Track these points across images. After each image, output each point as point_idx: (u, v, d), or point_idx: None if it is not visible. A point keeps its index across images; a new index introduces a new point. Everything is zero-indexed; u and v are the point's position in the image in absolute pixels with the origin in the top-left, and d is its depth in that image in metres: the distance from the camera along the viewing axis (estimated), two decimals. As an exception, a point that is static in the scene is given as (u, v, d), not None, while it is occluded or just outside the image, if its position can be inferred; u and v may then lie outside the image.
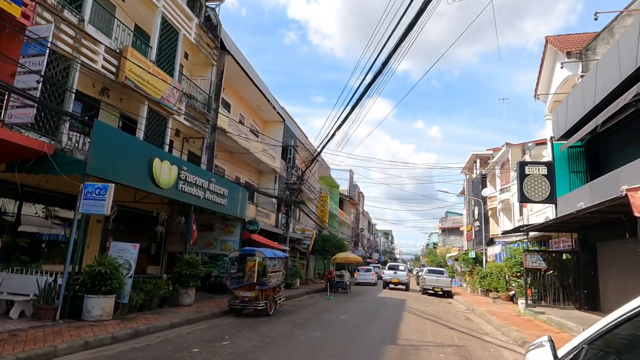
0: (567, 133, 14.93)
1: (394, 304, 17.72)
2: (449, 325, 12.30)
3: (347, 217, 53.33)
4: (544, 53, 19.60)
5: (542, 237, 20.12)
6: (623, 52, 10.85)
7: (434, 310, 16.47)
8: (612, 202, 8.79)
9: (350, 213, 56.97)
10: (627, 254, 12.11)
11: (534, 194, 15.45)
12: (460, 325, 12.37)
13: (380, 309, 15.60)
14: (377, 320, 12.51)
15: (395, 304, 18.05)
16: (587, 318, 12.29)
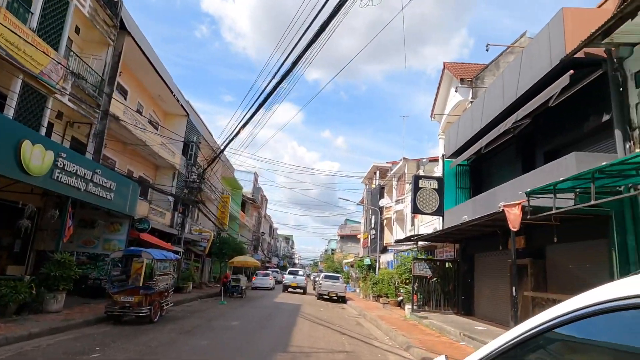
0: (456, 152, 16.29)
1: (289, 310, 17.59)
2: (341, 330, 12.48)
3: (248, 220, 52.33)
4: (441, 77, 21.28)
5: (429, 246, 21.72)
6: (506, 84, 12.12)
7: (327, 315, 16.68)
8: (490, 216, 9.66)
9: (252, 216, 56.06)
10: (498, 264, 13.49)
11: (425, 206, 16.57)
12: (351, 331, 12.62)
13: (274, 315, 15.33)
14: (271, 327, 12.22)
15: (291, 309, 17.95)
16: (463, 322, 13.40)
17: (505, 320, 12.45)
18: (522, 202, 8.12)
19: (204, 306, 16.98)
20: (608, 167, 6.21)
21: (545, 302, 10.53)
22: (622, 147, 8.33)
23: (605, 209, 8.16)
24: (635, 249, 7.91)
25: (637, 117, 8.32)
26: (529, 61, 10.76)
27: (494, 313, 13.69)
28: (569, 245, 9.88)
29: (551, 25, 9.82)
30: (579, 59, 9.07)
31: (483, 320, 13.82)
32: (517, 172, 12.58)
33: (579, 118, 10.01)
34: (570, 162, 8.58)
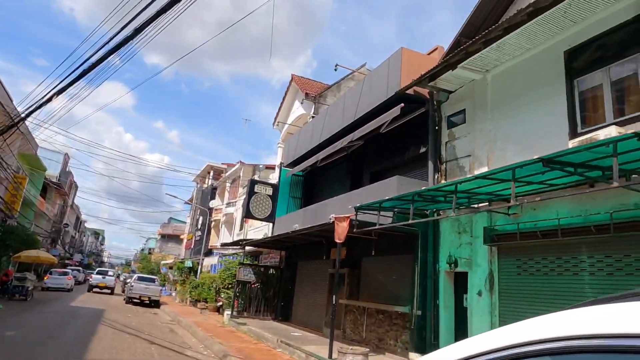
0: (294, 162, 16.77)
1: (88, 315, 15.17)
2: (150, 339, 11.24)
3: (49, 209, 44.20)
4: (288, 88, 21.84)
5: (255, 252, 21.75)
6: (347, 106, 13.02)
7: (136, 321, 14.97)
8: (321, 227, 10.06)
9: (55, 204, 47.57)
10: (319, 273, 14.24)
11: (258, 211, 16.53)
12: (163, 339, 11.50)
13: (68, 322, 12.97)
14: (61, 337, 10.22)
15: (91, 314, 15.52)
16: (281, 328, 13.64)
17: (320, 326, 13.15)
18: (350, 215, 8.66)
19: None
20: (425, 192, 7.06)
21: (356, 309, 11.47)
22: (432, 177, 9.69)
23: (415, 229, 9.32)
24: (432, 264, 9.22)
25: (445, 153, 9.81)
26: (369, 89, 11.77)
27: (309, 319, 14.34)
28: (382, 258, 11.00)
29: (391, 60, 10.94)
30: (409, 95, 10.29)
31: (299, 326, 14.33)
32: (346, 188, 13.55)
33: (402, 147, 11.34)
34: (393, 184, 9.58)
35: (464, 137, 9.38)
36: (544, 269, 6.99)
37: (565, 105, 7.27)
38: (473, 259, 8.27)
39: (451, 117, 9.91)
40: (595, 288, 6.19)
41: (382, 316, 10.17)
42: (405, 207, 8.61)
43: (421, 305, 8.97)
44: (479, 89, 9.15)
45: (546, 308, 6.76)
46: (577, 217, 6.53)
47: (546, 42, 7.74)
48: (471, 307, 8.13)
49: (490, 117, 8.76)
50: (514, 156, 7.96)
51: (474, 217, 8.42)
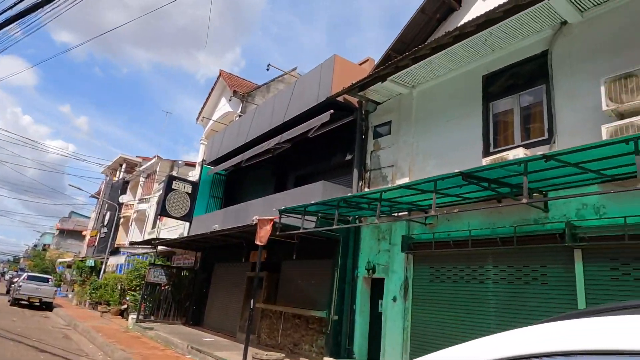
0: (217, 160, 16.18)
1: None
2: (39, 346, 10.01)
3: None
4: (215, 83, 21.09)
5: (168, 252, 20.56)
6: (277, 107, 12.87)
7: (23, 326, 13.28)
8: (242, 228, 9.75)
9: None
10: (237, 276, 13.83)
11: (175, 209, 15.64)
12: (55, 346, 10.31)
13: None
14: None
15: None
16: (191, 333, 12.97)
17: (233, 331, 12.73)
18: (274, 218, 8.50)
19: None
20: (351, 198, 7.15)
21: (272, 313, 11.30)
22: (356, 184, 9.90)
23: (336, 234, 9.43)
24: (352, 270, 9.39)
25: (370, 162, 10.09)
26: (300, 92, 11.76)
27: (223, 323, 13.83)
28: (302, 262, 10.95)
29: (324, 66, 11.04)
30: (339, 102, 10.45)
31: (212, 331, 13.76)
32: (270, 190, 13.36)
33: (329, 153, 11.45)
34: (318, 189, 9.61)
35: (389, 147, 9.73)
36: (454, 277, 7.44)
37: (481, 125, 7.85)
38: (390, 265, 8.55)
39: (378, 127, 10.23)
40: (498, 295, 6.71)
41: (299, 321, 10.12)
42: (330, 212, 8.67)
43: (338, 310, 9.07)
44: (405, 103, 9.56)
45: (454, 313, 7.20)
46: (485, 230, 7.05)
47: (468, 65, 8.32)
48: (386, 313, 8.39)
49: (413, 130, 9.18)
50: (433, 169, 8.42)
51: (393, 225, 8.73)
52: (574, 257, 5.91)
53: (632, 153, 4.05)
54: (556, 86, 6.85)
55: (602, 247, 5.67)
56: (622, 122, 5.52)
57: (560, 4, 6.41)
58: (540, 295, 6.19)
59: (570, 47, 6.81)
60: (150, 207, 28.04)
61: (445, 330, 7.30)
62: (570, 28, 6.85)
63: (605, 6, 6.45)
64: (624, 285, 5.38)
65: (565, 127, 6.58)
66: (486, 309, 6.81)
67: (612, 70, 5.91)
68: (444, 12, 9.44)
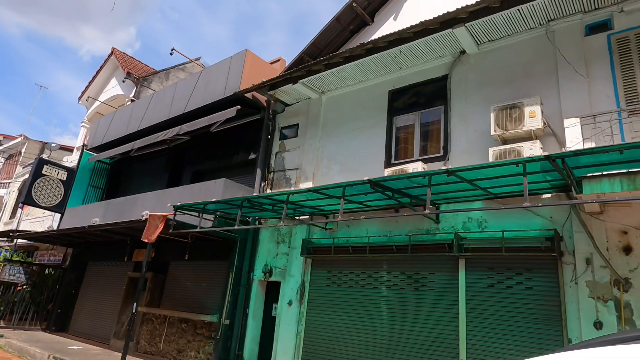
0: (101, 146, 14.51)
1: None
2: None
3: None
4: (105, 61, 19.01)
5: (30, 247, 17.82)
6: (178, 96, 11.99)
7: None
8: (129, 223, 8.81)
9: None
10: (115, 276, 12.48)
11: (44, 197, 13.56)
12: None
13: None
14: None
15: None
16: (54, 341, 11.32)
17: (106, 337, 11.44)
18: (168, 214, 7.82)
19: None
20: (256, 198, 6.89)
21: (155, 318, 10.41)
22: (259, 185, 9.64)
23: (234, 235, 9.05)
24: (247, 272, 9.08)
25: (274, 163, 9.92)
26: (205, 84, 11.11)
27: (94, 329, 12.35)
28: (193, 263, 10.30)
29: (234, 59, 10.60)
30: (247, 99, 10.11)
31: (79, 338, 12.18)
32: (161, 185, 12.38)
33: (231, 150, 10.99)
34: (219, 187, 9.13)
35: (294, 150, 9.67)
36: (350, 282, 7.62)
37: (384, 137, 8.22)
38: (288, 269, 8.46)
39: (284, 129, 10.12)
40: (390, 300, 7.03)
41: (186, 325, 9.46)
42: (229, 211, 8.29)
43: (230, 314, 8.68)
44: (313, 108, 9.61)
45: (348, 317, 7.37)
46: (383, 237, 7.36)
47: (376, 79, 8.68)
48: (280, 317, 8.25)
49: (320, 135, 9.26)
50: (336, 175, 8.59)
51: (294, 228, 8.67)
52: (458, 266, 6.46)
53: (519, 174, 4.53)
54: (453, 108, 7.48)
55: (482, 257, 6.28)
56: (505, 147, 6.19)
57: (462, 33, 7.01)
58: (428, 301, 6.63)
59: (466, 74, 7.50)
60: (9, 194, 24.11)
61: (338, 334, 7.43)
62: (467, 57, 7.55)
63: (497, 42, 7.24)
64: (498, 292, 6.03)
65: (458, 146, 7.19)
66: (378, 314, 7.08)
67: (500, 100, 6.63)
68: (357, 24, 9.74)
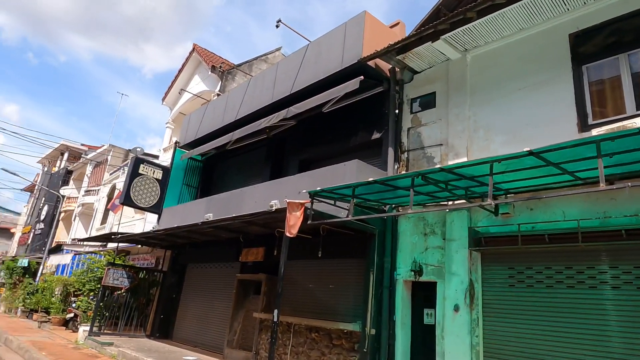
0: (194, 142, 13.77)
1: None
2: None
3: None
4: (187, 59, 18.55)
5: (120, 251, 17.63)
6: (281, 77, 10.82)
7: None
8: (255, 216, 7.61)
9: None
10: (220, 279, 11.54)
11: (141, 198, 12.99)
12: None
13: None
14: None
15: None
16: (165, 350, 10.52)
17: (218, 346, 10.45)
18: (306, 202, 6.49)
19: None
20: (431, 173, 5.28)
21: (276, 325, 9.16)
22: (392, 167, 8.11)
23: (372, 227, 7.57)
24: (389, 271, 7.56)
25: (408, 141, 8.34)
26: (316, 57, 9.80)
27: (201, 337, 11.46)
28: (313, 262, 8.96)
29: (349, 25, 9.17)
30: (369, 68, 8.63)
31: (186, 346, 11.34)
32: (262, 179, 11.24)
33: (347, 131, 9.57)
34: (351, 169, 7.71)
35: (433, 123, 8.04)
36: (549, 280, 5.82)
37: (570, 94, 6.35)
38: (447, 266, 6.82)
39: (416, 100, 8.51)
40: (621, 305, 5.16)
41: (317, 335, 8.10)
42: (369, 197, 6.86)
43: (375, 322, 7.19)
44: (455, 71, 7.92)
45: (549, 327, 5.58)
46: (594, 220, 5.50)
47: (547, 23, 6.82)
48: (442, 326, 6.63)
49: (469, 102, 7.54)
50: (500, 147, 6.83)
51: (448, 216, 7.02)
52: None
53: None
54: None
55: None
56: None
57: None
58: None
59: None
60: (99, 200, 24.63)
61: (538, 349, 5.66)
62: None
63: None
64: None
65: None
66: (603, 323, 5.23)
67: None
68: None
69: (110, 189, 23.23)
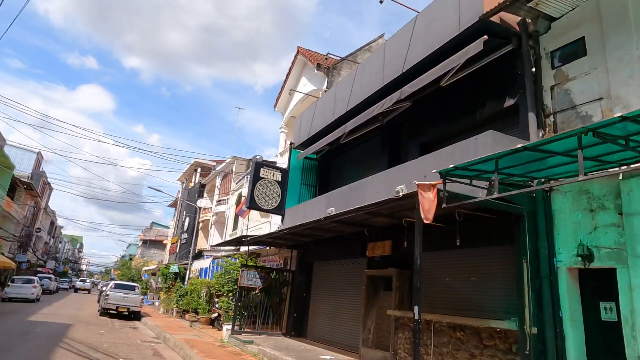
0: (307, 142, 13.76)
1: (45, 334, 11.80)
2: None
3: (18, 211, 40.07)
4: (292, 63, 18.88)
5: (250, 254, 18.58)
6: (388, 59, 10.12)
7: (111, 339, 11.69)
8: (378, 205, 7.04)
9: (25, 205, 43.39)
10: (348, 275, 11.24)
11: (264, 201, 13.42)
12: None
13: (12, 346, 9.64)
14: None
15: (49, 333, 12.14)
16: (301, 348, 10.54)
17: (353, 345, 10.10)
18: (437, 183, 5.68)
19: None
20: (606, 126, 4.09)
21: (410, 322, 8.44)
22: (535, 135, 6.82)
23: (519, 207, 6.42)
24: (547, 259, 6.32)
25: (551, 101, 6.96)
26: (425, 28, 8.89)
27: (334, 335, 11.28)
28: (449, 253, 8.06)
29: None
30: (494, 25, 7.44)
31: (320, 344, 11.26)
32: (379, 168, 10.60)
33: (472, 103, 8.46)
34: (484, 143, 6.68)
35: (585, 75, 6.55)
36: None
37: None
38: (628, 247, 5.38)
39: (557, 52, 7.07)
40: None
41: (463, 334, 7.19)
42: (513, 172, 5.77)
43: (536, 319, 6.04)
44: (610, 5, 6.34)
45: None
46: None
47: None
48: (633, 323, 5.22)
49: (636, 40, 5.94)
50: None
51: (624, 184, 5.57)
52: None
53: None
54: None
55: None
56: None
57: None
58: None
59: None
60: (229, 208, 26.62)
61: None
62: None
63: None
64: None
65: None
66: None
67: None
68: None
69: (238, 196, 24.90)
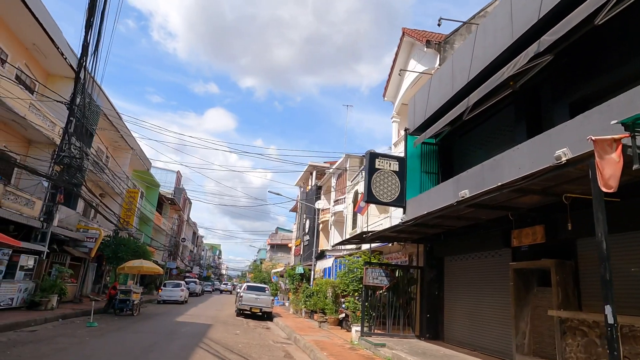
0: (424, 125, 12.50)
1: (189, 334, 12.52)
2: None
3: (165, 224, 45.60)
4: (398, 47, 17.70)
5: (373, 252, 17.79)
6: (516, 10, 8.47)
7: (245, 341, 11.92)
8: (539, 175, 5.64)
9: (171, 218, 49.26)
10: (488, 270, 9.73)
11: (383, 193, 12.52)
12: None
13: (160, 344, 10.26)
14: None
15: (192, 333, 12.88)
16: (439, 354, 9.35)
17: (505, 351, 8.60)
18: (623, 136, 4.17)
19: (59, 331, 11.38)
20: None
21: (587, 326, 6.72)
22: None
23: None
24: None
25: None
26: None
27: (477, 338, 9.85)
28: (626, 236, 6.22)
29: None
30: None
31: (461, 349, 9.92)
32: (517, 141, 8.90)
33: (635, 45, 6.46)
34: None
35: None
36: None
37: None
38: None
39: None
40: None
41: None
42: None
43: None
44: None
45: None
46: None
47: None
48: None
49: None
50: None
51: None
52: None
53: None
54: None
55: None
56: None
57: None
58: None
59: None
60: (346, 207, 26.32)
61: None
62: None
63: None
64: None
65: None
66: None
67: None
68: None
69: (354, 194, 24.42)
